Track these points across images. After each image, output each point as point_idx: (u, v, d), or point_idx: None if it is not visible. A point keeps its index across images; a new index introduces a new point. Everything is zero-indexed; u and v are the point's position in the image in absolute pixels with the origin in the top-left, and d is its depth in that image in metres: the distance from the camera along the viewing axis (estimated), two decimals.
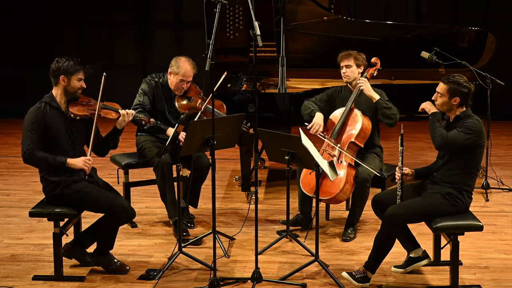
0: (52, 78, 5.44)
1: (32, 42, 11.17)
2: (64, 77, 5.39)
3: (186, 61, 6.35)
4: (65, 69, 5.39)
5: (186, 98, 6.40)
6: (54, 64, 5.43)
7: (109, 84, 10.69)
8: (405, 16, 10.91)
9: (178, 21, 11.26)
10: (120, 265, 5.57)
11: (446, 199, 5.25)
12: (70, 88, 5.41)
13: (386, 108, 6.18)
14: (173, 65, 6.36)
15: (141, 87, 6.44)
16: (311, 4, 7.39)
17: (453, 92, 5.24)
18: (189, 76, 6.33)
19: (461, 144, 5.17)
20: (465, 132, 5.17)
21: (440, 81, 5.32)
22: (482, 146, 5.26)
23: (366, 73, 6.32)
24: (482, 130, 5.23)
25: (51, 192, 5.42)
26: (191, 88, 6.43)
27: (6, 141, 9.85)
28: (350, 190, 6.10)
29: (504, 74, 7.88)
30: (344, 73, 6.32)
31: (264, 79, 7.88)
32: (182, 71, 6.31)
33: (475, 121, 5.22)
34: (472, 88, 5.28)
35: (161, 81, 6.45)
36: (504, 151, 9.17)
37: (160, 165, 6.20)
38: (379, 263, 5.29)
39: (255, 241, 5.27)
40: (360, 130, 6.18)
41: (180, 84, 6.34)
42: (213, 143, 5.33)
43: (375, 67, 6.37)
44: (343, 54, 6.35)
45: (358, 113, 6.25)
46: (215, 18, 5.14)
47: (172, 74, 6.37)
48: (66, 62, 5.41)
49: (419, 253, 5.44)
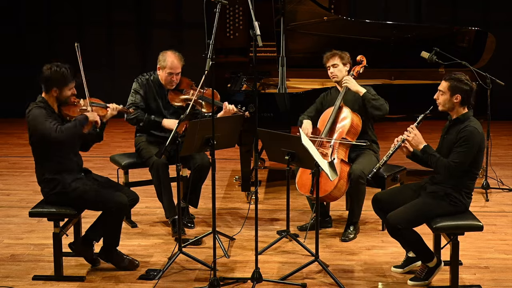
0: (43, 85, 5.41)
1: (32, 42, 11.18)
2: (56, 89, 5.38)
3: (172, 54, 6.40)
4: (57, 82, 5.35)
5: (178, 91, 6.44)
6: (46, 72, 5.37)
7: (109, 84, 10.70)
8: (405, 16, 10.91)
9: (178, 21, 11.27)
10: (130, 261, 5.60)
11: (445, 200, 5.25)
12: (62, 97, 5.42)
13: (374, 99, 6.21)
14: (160, 59, 6.42)
15: (132, 86, 6.47)
16: (311, 4, 7.39)
17: (454, 89, 5.23)
18: (176, 68, 6.37)
19: (468, 162, 5.16)
20: (464, 151, 5.13)
21: (442, 80, 5.32)
22: (482, 149, 5.25)
23: (352, 71, 6.36)
24: (478, 136, 5.17)
25: (51, 191, 5.42)
26: (183, 80, 6.48)
27: (6, 141, 9.85)
28: (345, 186, 6.11)
29: (504, 74, 7.88)
30: (331, 73, 6.38)
31: (264, 79, 7.88)
32: (169, 64, 6.35)
33: (471, 129, 5.17)
34: (474, 86, 5.26)
35: (152, 78, 6.49)
36: (504, 151, 9.17)
37: (155, 166, 6.23)
38: (427, 250, 5.30)
39: (255, 241, 5.27)
40: (350, 126, 6.21)
41: (170, 78, 6.38)
42: (213, 143, 5.33)
43: (361, 65, 6.42)
44: (327, 54, 6.42)
45: (346, 110, 6.29)
46: (215, 18, 5.15)
47: (160, 69, 6.43)
48: (57, 71, 5.35)
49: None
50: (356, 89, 6.27)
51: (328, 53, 6.43)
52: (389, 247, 6.01)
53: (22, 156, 8.97)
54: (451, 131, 5.28)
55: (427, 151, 5.27)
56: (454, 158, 5.17)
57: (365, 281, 5.43)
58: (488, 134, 7.29)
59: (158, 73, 6.45)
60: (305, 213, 6.83)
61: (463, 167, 5.17)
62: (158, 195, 6.35)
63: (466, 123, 5.21)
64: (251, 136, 6.78)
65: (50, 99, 5.42)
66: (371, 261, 5.79)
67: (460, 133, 5.18)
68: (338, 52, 6.39)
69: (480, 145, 5.19)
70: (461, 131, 5.19)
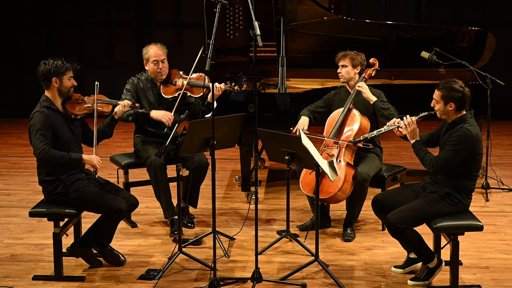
0: (43, 82, 5.45)
1: (32, 42, 11.18)
2: (56, 79, 5.40)
3: (153, 44, 6.51)
4: (56, 71, 5.40)
5: (169, 83, 6.49)
6: (42, 67, 5.42)
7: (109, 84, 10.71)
8: (405, 16, 10.91)
9: (178, 21, 11.27)
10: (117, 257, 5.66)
11: (445, 200, 5.25)
12: (63, 89, 5.44)
13: (384, 108, 6.19)
14: (144, 54, 6.50)
15: (125, 87, 6.50)
16: (311, 4, 7.39)
17: (447, 98, 5.23)
18: (160, 54, 6.43)
19: (455, 162, 5.17)
20: (453, 149, 5.14)
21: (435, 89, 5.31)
22: (479, 154, 5.22)
23: (364, 74, 6.33)
24: (474, 137, 5.15)
25: (52, 191, 5.42)
26: (172, 72, 6.52)
27: (6, 141, 9.85)
28: (349, 189, 6.10)
29: (504, 74, 7.89)
30: (339, 73, 6.36)
31: (264, 79, 7.88)
32: (152, 53, 6.43)
33: (464, 130, 5.16)
34: (467, 92, 5.23)
35: (143, 77, 6.54)
36: (504, 151, 9.16)
37: (153, 166, 6.25)
38: (428, 251, 5.31)
39: (255, 241, 5.27)
40: (358, 129, 6.19)
41: (157, 67, 6.43)
42: (213, 143, 5.33)
43: (373, 68, 6.39)
44: (340, 54, 6.40)
45: (356, 113, 6.27)
46: (215, 18, 5.15)
47: (146, 62, 6.50)
48: (54, 63, 5.42)
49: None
50: (367, 97, 6.25)
51: (341, 53, 6.39)
52: (389, 247, 6.01)
53: (22, 156, 8.97)
54: (446, 135, 5.28)
55: (416, 146, 5.33)
56: (442, 154, 5.21)
57: (365, 281, 5.43)
58: (488, 134, 7.29)
59: (146, 68, 6.51)
60: (305, 213, 6.83)
61: (448, 165, 5.17)
62: (156, 195, 6.36)
63: (461, 124, 5.21)
64: (251, 136, 6.77)
65: (53, 95, 5.44)
66: (371, 261, 5.79)
67: (453, 133, 5.19)
68: (351, 54, 6.32)
69: (473, 148, 5.16)
70: (454, 132, 5.20)
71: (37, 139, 5.30)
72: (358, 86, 6.27)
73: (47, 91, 5.45)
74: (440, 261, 5.37)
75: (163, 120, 6.28)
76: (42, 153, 5.28)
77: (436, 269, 5.34)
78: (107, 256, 5.64)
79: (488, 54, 7.72)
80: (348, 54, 6.34)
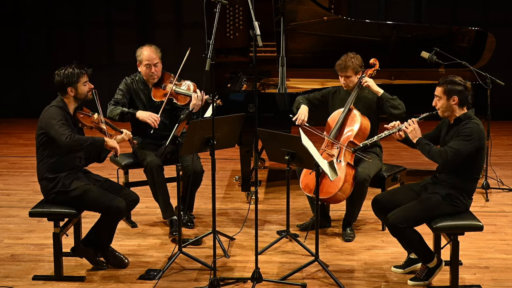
0: (59, 92, 5.51)
1: (32, 42, 11.17)
2: (71, 88, 5.45)
3: (147, 46, 6.46)
4: (68, 81, 5.45)
5: (159, 87, 6.47)
6: (55, 78, 5.48)
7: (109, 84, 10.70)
8: (405, 16, 10.91)
9: (178, 21, 11.27)
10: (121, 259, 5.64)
11: (446, 200, 5.25)
12: (80, 95, 5.51)
13: (392, 99, 6.23)
14: (137, 55, 6.48)
15: (119, 86, 6.51)
16: (311, 4, 7.39)
17: (449, 92, 5.23)
18: (152, 58, 6.40)
19: (465, 153, 5.15)
20: (465, 140, 5.14)
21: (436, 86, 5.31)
22: (483, 149, 5.25)
23: (364, 74, 6.34)
24: (482, 132, 5.19)
25: (52, 189, 5.43)
26: (165, 76, 6.51)
27: (6, 141, 9.85)
28: (349, 189, 6.10)
29: (504, 74, 7.88)
30: (343, 83, 6.34)
31: (264, 79, 7.88)
32: (145, 56, 6.40)
33: (473, 124, 5.18)
34: (469, 85, 5.27)
35: (137, 78, 6.53)
36: (504, 151, 9.16)
37: (149, 168, 6.25)
38: (428, 251, 5.31)
39: (255, 241, 5.27)
40: (358, 129, 6.19)
41: (149, 70, 6.41)
42: (213, 143, 5.33)
43: (374, 68, 6.40)
44: (341, 66, 6.28)
45: (357, 113, 6.27)
46: (215, 18, 5.15)
47: (139, 64, 6.48)
48: (65, 73, 5.45)
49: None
50: (376, 90, 6.28)
51: (341, 65, 6.27)
52: (389, 247, 6.01)
53: (22, 156, 8.97)
54: (451, 132, 5.27)
55: (421, 142, 5.30)
56: (453, 144, 5.18)
57: (365, 281, 5.43)
58: (488, 134, 7.27)
59: (139, 69, 6.51)
60: (305, 213, 6.83)
61: (459, 156, 5.15)
62: (154, 196, 6.38)
63: (468, 120, 5.22)
64: (251, 136, 6.77)
65: (69, 101, 5.50)
66: (371, 261, 5.79)
67: (462, 127, 5.19)
68: (350, 64, 6.24)
69: (480, 142, 5.18)
70: (463, 126, 5.19)
71: (60, 127, 5.34)
72: (365, 82, 6.27)
73: (64, 98, 5.51)
74: (440, 261, 5.37)
75: (148, 121, 6.26)
76: (68, 138, 5.31)
77: (436, 269, 5.34)
78: (109, 259, 5.63)
79: (488, 54, 7.72)
80: (348, 66, 6.25)
